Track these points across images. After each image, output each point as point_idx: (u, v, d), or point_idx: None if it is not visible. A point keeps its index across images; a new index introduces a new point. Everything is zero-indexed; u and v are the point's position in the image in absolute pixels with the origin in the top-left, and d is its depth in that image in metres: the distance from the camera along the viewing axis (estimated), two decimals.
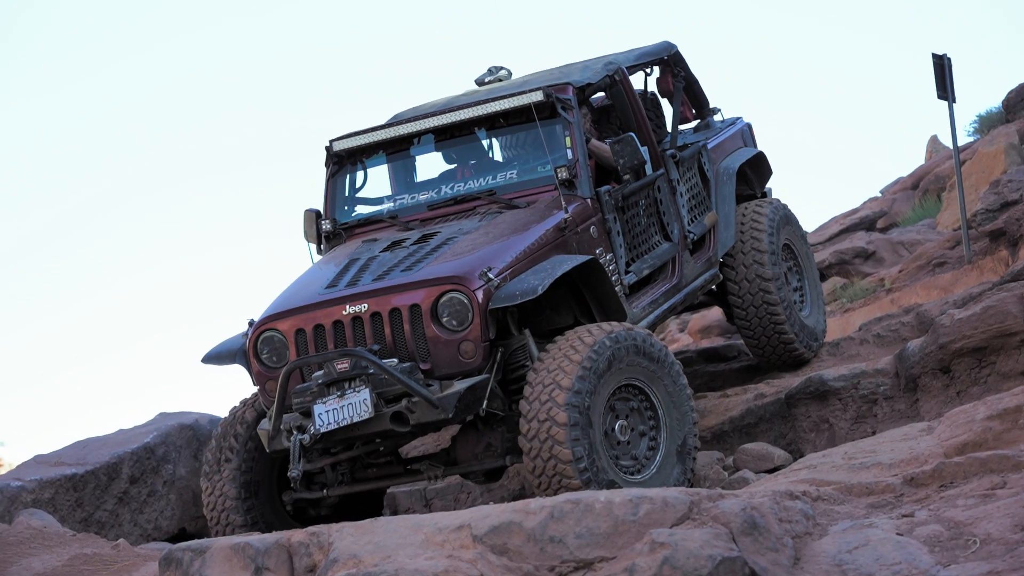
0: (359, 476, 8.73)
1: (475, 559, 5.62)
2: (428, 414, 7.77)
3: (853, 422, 9.68)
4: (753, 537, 5.57)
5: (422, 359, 7.95)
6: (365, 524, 6.11)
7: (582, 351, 7.73)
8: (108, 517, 10.65)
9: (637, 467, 8.00)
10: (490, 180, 9.32)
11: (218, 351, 8.78)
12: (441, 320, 7.93)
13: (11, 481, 10.75)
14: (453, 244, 8.49)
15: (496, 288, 7.89)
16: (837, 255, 21.70)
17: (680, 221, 9.84)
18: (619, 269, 8.98)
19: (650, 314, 9.23)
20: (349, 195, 9.77)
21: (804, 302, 11.08)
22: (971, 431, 7.05)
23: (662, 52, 10.72)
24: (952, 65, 16.29)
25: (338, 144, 9.71)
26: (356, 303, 8.09)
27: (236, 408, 8.87)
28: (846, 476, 7.03)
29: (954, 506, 5.94)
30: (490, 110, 9.23)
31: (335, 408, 7.80)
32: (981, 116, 24.54)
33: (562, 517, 5.74)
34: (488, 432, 8.27)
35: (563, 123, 9.10)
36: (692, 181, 10.32)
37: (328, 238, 9.52)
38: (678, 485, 7.92)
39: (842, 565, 5.49)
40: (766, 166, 11.56)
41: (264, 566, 6.14)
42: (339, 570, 5.77)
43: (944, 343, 9.21)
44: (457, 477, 9.79)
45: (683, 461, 8.12)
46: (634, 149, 8.95)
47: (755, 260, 10.39)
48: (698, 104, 11.20)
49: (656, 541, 5.45)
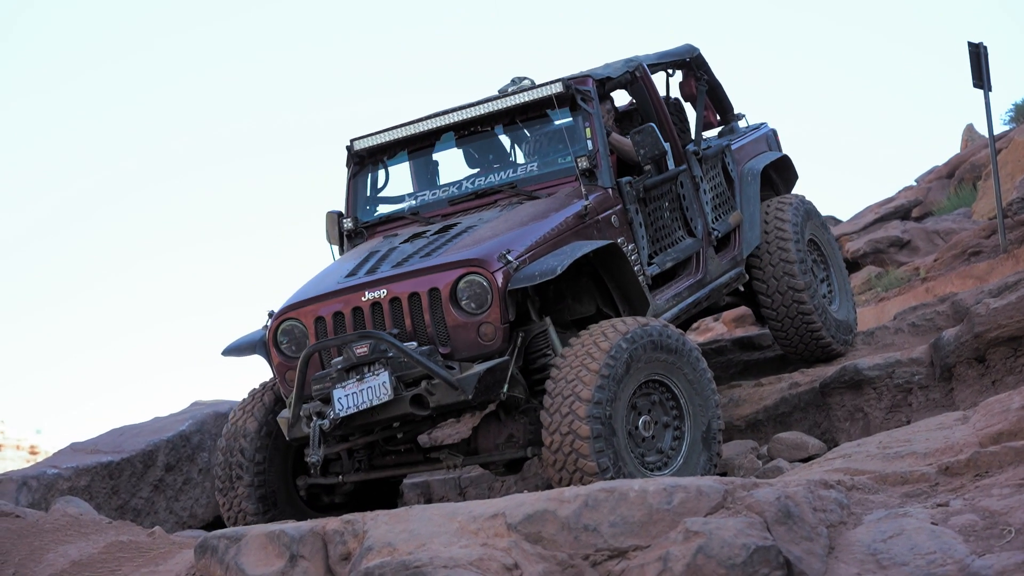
0: (376, 463, 8.73)
1: (509, 547, 5.63)
2: (448, 396, 7.72)
3: (888, 411, 9.66)
4: (787, 526, 5.56)
5: (442, 343, 7.93)
6: (400, 512, 6.13)
7: (599, 358, 7.64)
8: (144, 504, 10.72)
9: (663, 460, 7.96)
10: (511, 174, 9.34)
11: (238, 343, 8.79)
12: (460, 303, 7.90)
13: (48, 469, 10.82)
14: (473, 232, 8.49)
15: (515, 271, 7.86)
16: (872, 244, 21.66)
17: (704, 217, 9.83)
18: (641, 260, 8.96)
19: (674, 307, 9.20)
20: (371, 195, 9.81)
21: (833, 295, 11.06)
22: (1006, 420, 7.02)
23: (684, 54, 10.73)
24: (988, 54, 16.23)
25: (359, 143, 9.75)
26: (375, 289, 8.08)
27: (236, 417, 8.81)
28: (881, 465, 7.01)
29: (989, 495, 5.92)
30: (511, 103, 9.25)
31: (354, 392, 7.78)
32: (1017, 105, 24.48)
33: (596, 506, 5.75)
34: (510, 423, 8.23)
35: (583, 114, 9.11)
36: (716, 180, 10.32)
37: (350, 237, 9.56)
38: (706, 472, 7.91)
39: (876, 554, 5.47)
40: (792, 170, 11.57)
41: (299, 554, 6.17)
42: (374, 558, 5.79)
43: (979, 332, 9.18)
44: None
45: (709, 447, 8.08)
46: (655, 139, 8.94)
47: (781, 259, 10.38)
48: (722, 109, 11.22)
49: (690, 530, 5.45)
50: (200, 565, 6.47)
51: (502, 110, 9.32)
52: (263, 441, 8.60)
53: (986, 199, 20.37)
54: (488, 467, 8.61)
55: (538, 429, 7.96)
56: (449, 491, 10.58)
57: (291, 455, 8.72)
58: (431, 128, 9.52)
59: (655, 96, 9.85)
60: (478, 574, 5.39)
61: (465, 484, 10.54)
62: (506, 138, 9.73)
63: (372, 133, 9.68)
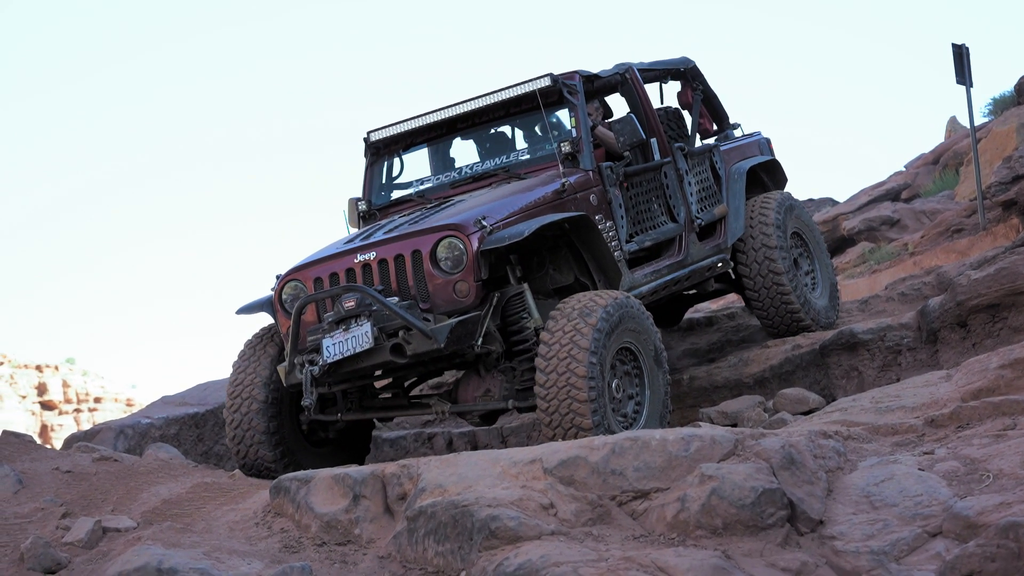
0: (367, 404, 8.74)
1: (545, 489, 5.64)
2: (423, 344, 7.68)
3: (880, 370, 9.61)
4: (791, 471, 5.55)
5: (423, 300, 7.90)
6: (449, 458, 6.15)
7: (596, 312, 7.64)
8: (225, 451, 10.76)
9: (627, 424, 7.90)
10: (504, 159, 9.36)
11: (249, 304, 8.75)
12: (439, 263, 7.87)
13: (141, 419, 10.88)
14: (459, 204, 8.56)
15: (489, 234, 7.82)
16: (866, 222, 21.61)
17: (687, 206, 9.76)
18: (620, 237, 8.88)
19: (651, 282, 9.13)
20: (386, 182, 9.85)
21: (816, 284, 10.92)
22: (985, 378, 6.99)
23: (679, 65, 10.66)
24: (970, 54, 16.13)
25: (375, 135, 9.82)
26: (366, 252, 8.09)
27: (242, 368, 8.67)
28: (873, 418, 6.99)
29: (970, 445, 5.90)
30: (504, 96, 9.25)
31: (341, 340, 7.76)
32: (995, 99, 24.33)
33: (622, 452, 5.75)
34: (489, 378, 8.20)
35: (569, 105, 9.11)
36: (703, 176, 10.24)
37: (365, 219, 9.60)
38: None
39: (870, 496, 5.46)
40: (781, 173, 11.43)
41: (361, 494, 6.19)
42: (427, 498, 5.80)
43: (961, 300, 9.13)
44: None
45: (662, 425, 8.02)
46: (633, 128, 8.92)
47: (763, 244, 10.27)
48: (718, 118, 11.11)
49: (705, 474, 5.45)
50: (275, 503, 6.51)
51: (498, 103, 9.34)
52: (272, 393, 8.52)
53: (967, 183, 20.29)
54: (465, 416, 8.56)
55: (513, 387, 8.01)
56: (492, 439, 10.59)
57: (295, 400, 8.66)
58: (436, 120, 9.56)
59: (644, 97, 9.78)
60: (518, 512, 5.40)
61: (507, 433, 10.56)
62: (507, 128, 9.69)
63: (386, 125, 9.76)
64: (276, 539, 6.22)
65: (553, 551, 5.05)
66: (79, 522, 6.46)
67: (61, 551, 6.16)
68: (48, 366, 56.96)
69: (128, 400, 59.39)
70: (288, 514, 6.40)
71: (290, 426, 8.66)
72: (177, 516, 6.90)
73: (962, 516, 5.00)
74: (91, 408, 56.65)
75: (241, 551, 5.89)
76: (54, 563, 5.99)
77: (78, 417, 55.66)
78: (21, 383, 54.73)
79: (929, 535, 5.08)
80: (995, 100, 24.30)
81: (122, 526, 6.46)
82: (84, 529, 6.35)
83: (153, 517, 6.89)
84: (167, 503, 7.24)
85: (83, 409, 56.47)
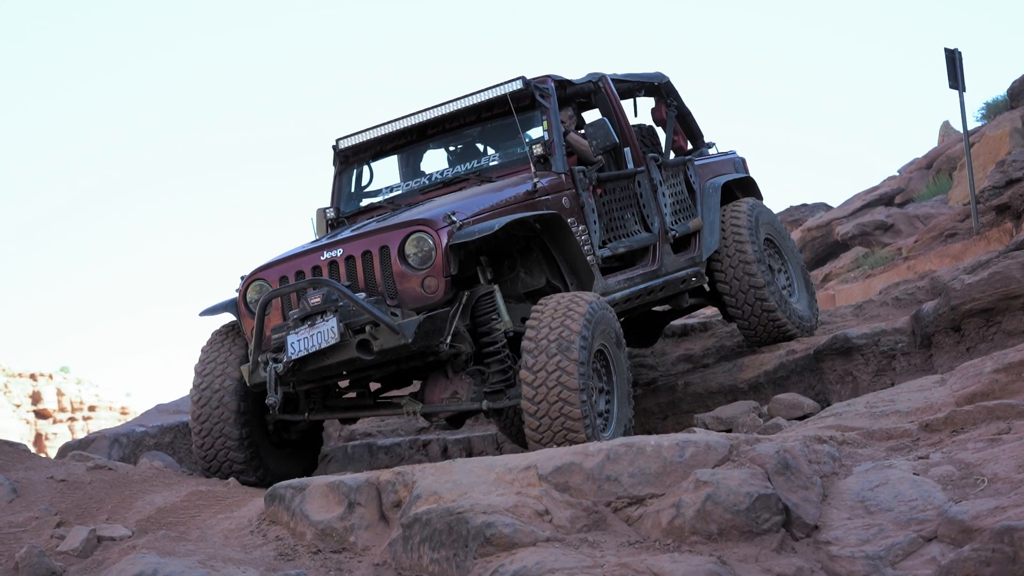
0: (331, 404, 8.62)
1: (540, 495, 5.63)
2: (390, 340, 7.53)
3: (874, 375, 9.62)
4: (786, 476, 5.55)
5: (391, 296, 7.74)
6: (444, 465, 6.14)
7: (582, 306, 7.58)
8: None
9: (603, 423, 7.80)
10: (476, 164, 9.26)
11: (214, 306, 8.57)
12: (407, 258, 7.73)
13: (136, 427, 10.88)
14: (428, 204, 8.47)
15: (458, 229, 7.71)
16: (860, 227, 21.65)
17: (661, 217, 9.68)
18: (592, 242, 8.79)
19: (624, 289, 9.03)
20: (355, 190, 9.71)
21: (792, 287, 10.90)
22: (979, 383, 7.00)
23: (653, 79, 10.60)
24: (962, 59, 16.16)
25: (344, 142, 9.67)
26: (332, 249, 7.94)
27: (208, 371, 8.49)
28: (868, 423, 6.99)
29: (964, 449, 5.90)
30: (475, 101, 9.14)
31: (306, 336, 7.61)
32: (988, 103, 24.35)
33: (617, 459, 5.74)
34: (457, 380, 8.08)
35: (541, 109, 9.02)
36: (677, 188, 10.17)
37: (333, 227, 9.42)
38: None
39: (865, 501, 5.46)
40: (756, 190, 11.37)
41: (356, 501, 6.19)
42: (422, 505, 5.80)
43: (955, 305, 9.14)
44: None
45: (630, 404, 8.01)
46: (606, 131, 8.87)
47: (741, 259, 10.21)
48: (692, 135, 11.05)
49: (700, 480, 5.44)
50: (269, 511, 6.50)
51: (470, 107, 9.21)
52: (241, 400, 8.36)
53: (961, 187, 20.30)
54: (429, 418, 8.40)
55: (482, 389, 7.90)
56: (488, 446, 10.60)
57: (260, 400, 8.44)
58: (406, 126, 9.42)
59: (617, 105, 9.74)
60: (513, 518, 5.40)
61: (502, 440, 10.56)
62: (477, 133, 9.55)
63: (355, 132, 9.60)
64: (271, 547, 6.21)
65: (548, 558, 5.05)
66: (74, 531, 6.45)
67: (56, 560, 6.15)
68: (42, 375, 56.91)
69: (123, 409, 59.33)
70: (283, 522, 6.39)
71: (258, 427, 8.52)
72: (172, 524, 6.89)
73: (957, 521, 5.00)
74: (86, 417, 56.59)
75: (236, 559, 5.88)
76: (49, 572, 5.98)
77: (72, 426, 55.60)
78: (15, 392, 54.66)
79: (924, 540, 5.08)
80: (988, 104, 24.33)
81: (117, 535, 6.45)
82: (79, 538, 6.34)
83: (148, 526, 6.88)
84: (162, 511, 7.22)
85: (77, 418, 56.41)
